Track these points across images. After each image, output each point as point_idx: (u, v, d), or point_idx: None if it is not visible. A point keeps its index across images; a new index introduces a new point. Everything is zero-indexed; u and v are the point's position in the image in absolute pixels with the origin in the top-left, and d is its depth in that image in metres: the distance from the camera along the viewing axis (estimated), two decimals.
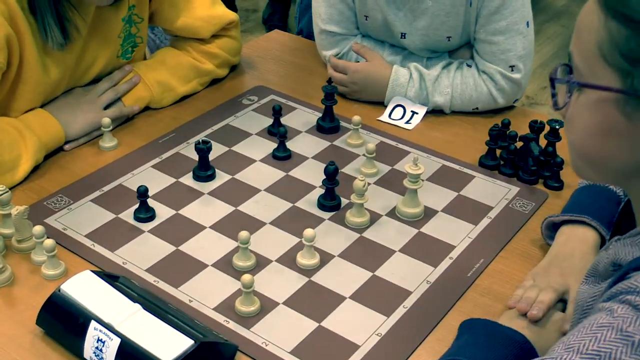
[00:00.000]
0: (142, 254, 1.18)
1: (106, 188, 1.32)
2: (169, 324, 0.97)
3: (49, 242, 1.11)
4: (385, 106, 1.58)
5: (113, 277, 1.05)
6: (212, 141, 1.36)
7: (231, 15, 1.65)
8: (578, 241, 1.12)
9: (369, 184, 1.30)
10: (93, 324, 0.97)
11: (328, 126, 1.50)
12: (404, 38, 1.61)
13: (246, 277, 1.06)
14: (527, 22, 1.53)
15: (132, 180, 1.34)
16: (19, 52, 1.31)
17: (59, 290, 1.02)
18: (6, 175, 1.28)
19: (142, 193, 1.23)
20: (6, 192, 1.17)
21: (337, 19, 1.64)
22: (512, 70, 1.54)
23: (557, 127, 1.37)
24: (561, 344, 0.79)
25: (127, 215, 1.26)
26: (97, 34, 1.46)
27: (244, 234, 1.13)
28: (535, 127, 1.40)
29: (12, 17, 1.28)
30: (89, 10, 1.41)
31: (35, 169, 1.35)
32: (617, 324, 0.75)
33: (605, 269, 0.91)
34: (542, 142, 1.40)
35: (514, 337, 0.98)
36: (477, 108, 1.57)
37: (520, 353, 0.95)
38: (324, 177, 1.28)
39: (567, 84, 0.87)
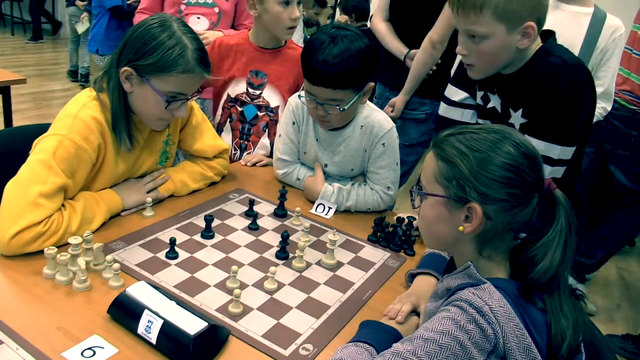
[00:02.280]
0: (171, 277, 1.21)
1: (148, 238, 1.35)
2: (192, 313, 1.01)
3: (117, 265, 1.15)
4: (313, 202, 1.68)
5: (156, 287, 1.08)
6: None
7: (225, 145, 1.75)
8: (426, 283, 1.21)
9: (308, 241, 1.39)
10: (146, 311, 1.01)
11: (281, 213, 1.58)
12: (326, 167, 1.74)
13: (237, 291, 1.12)
14: (397, 163, 1.68)
15: (163, 236, 1.37)
16: (104, 153, 1.38)
17: (125, 292, 1.06)
18: (86, 226, 1.31)
19: (172, 241, 1.28)
20: (90, 234, 1.21)
21: (288, 152, 1.76)
22: (388, 190, 1.68)
23: (412, 220, 1.50)
24: (420, 328, 0.89)
25: (161, 255, 1.29)
26: (147, 148, 1.53)
27: (234, 267, 1.19)
28: (399, 220, 1.53)
29: (103, 132, 1.36)
30: (145, 132, 1.50)
31: (103, 225, 1.37)
32: (451, 316, 0.85)
33: (442, 292, 1.00)
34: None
35: (390, 330, 1.05)
36: (369, 209, 1.68)
37: (394, 339, 1.01)
38: (280, 240, 1.35)
39: (419, 194, 1.01)
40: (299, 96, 1.63)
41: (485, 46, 1.32)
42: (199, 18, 2.40)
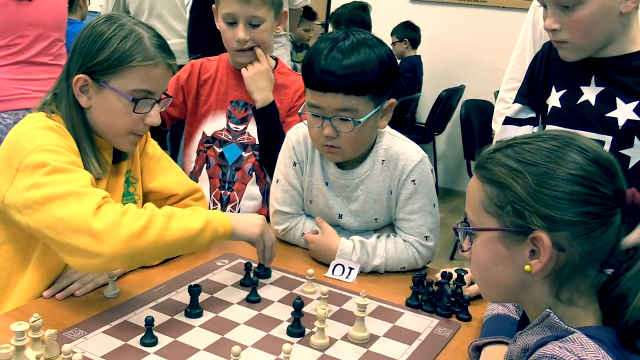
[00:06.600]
0: None
1: (114, 323, 1.34)
2: None
3: (78, 356, 1.14)
4: (327, 266, 1.68)
5: None
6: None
7: (197, 185, 1.79)
8: (498, 354, 1.19)
9: (329, 311, 1.37)
10: None
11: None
12: (341, 218, 1.76)
13: None
14: (434, 204, 1.70)
15: (135, 317, 1.37)
16: None
17: None
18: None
19: (149, 322, 1.27)
20: (39, 319, 1.19)
21: (289, 202, 1.78)
22: (426, 240, 1.69)
23: (463, 274, 1.49)
24: None
25: (134, 342, 1.28)
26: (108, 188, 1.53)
27: (235, 347, 1.17)
28: (446, 275, 1.52)
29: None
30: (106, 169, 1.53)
31: (52, 309, 1.37)
32: None
33: (518, 355, 1.00)
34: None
35: None
36: (404, 267, 1.68)
37: None
38: (292, 311, 1.34)
39: (466, 232, 1.02)
40: (299, 113, 1.66)
41: (581, 13, 1.39)
42: None
